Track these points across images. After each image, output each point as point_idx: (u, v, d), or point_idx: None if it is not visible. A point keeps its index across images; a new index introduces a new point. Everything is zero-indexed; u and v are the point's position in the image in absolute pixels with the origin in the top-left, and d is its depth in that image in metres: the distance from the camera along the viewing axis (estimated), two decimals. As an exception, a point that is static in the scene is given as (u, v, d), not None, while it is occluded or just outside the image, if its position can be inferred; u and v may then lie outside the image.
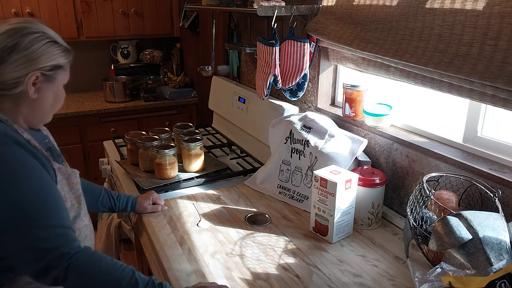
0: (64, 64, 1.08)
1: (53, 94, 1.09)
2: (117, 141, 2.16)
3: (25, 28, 1.01)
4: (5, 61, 0.98)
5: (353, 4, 1.47)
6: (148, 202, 1.48)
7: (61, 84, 1.11)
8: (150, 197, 1.50)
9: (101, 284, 0.98)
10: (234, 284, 1.13)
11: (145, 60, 3.46)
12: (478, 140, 1.28)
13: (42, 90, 1.05)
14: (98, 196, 1.43)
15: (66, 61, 1.09)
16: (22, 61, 0.99)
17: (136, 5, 3.20)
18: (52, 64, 1.04)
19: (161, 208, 1.50)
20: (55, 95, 1.10)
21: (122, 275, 0.99)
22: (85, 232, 1.17)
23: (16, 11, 2.89)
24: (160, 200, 1.52)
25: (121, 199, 1.47)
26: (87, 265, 0.98)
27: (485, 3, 1.03)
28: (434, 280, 0.91)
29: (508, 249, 0.92)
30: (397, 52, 1.26)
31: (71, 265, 0.95)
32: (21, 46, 0.99)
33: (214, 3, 2.13)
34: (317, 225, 1.35)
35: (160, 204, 1.51)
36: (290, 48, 1.63)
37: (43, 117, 1.11)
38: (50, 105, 1.10)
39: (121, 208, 1.46)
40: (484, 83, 1.04)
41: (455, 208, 1.15)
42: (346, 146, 1.49)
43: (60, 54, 1.06)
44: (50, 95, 1.08)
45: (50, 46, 1.04)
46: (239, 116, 2.18)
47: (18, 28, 1.00)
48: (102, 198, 1.43)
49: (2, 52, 0.97)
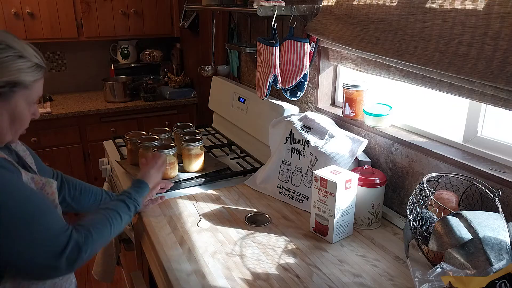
0: (26, 82, 0.96)
1: (8, 114, 0.97)
2: (117, 141, 2.16)
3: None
4: None
5: (353, 4, 1.47)
6: (148, 197, 1.49)
7: (22, 103, 0.98)
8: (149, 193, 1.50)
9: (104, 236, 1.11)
10: (234, 284, 1.13)
11: (145, 60, 3.47)
12: (478, 140, 1.28)
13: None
14: (100, 199, 1.45)
15: (31, 78, 0.97)
16: None
17: (136, 5, 3.21)
18: (6, 80, 0.93)
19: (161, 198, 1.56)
20: (11, 115, 0.97)
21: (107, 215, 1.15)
22: None
23: (16, 11, 2.89)
24: (163, 183, 1.58)
25: None
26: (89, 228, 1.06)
27: (485, 3, 1.03)
28: (434, 280, 0.91)
29: (508, 249, 0.92)
30: (397, 52, 1.26)
31: (79, 235, 1.02)
32: None
33: (214, 3, 2.13)
34: (317, 225, 1.35)
35: (165, 188, 1.59)
36: (290, 48, 1.63)
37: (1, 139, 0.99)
38: (7, 126, 0.98)
39: None
40: (484, 83, 1.04)
41: (455, 208, 1.15)
42: (346, 146, 1.49)
43: (22, 71, 0.95)
44: (4, 115, 0.96)
45: (10, 61, 0.93)
46: (239, 116, 2.18)
47: None
48: (103, 202, 1.45)
49: None
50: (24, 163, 1.10)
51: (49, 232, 0.97)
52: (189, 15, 2.98)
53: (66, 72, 3.49)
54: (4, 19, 2.88)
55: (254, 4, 1.65)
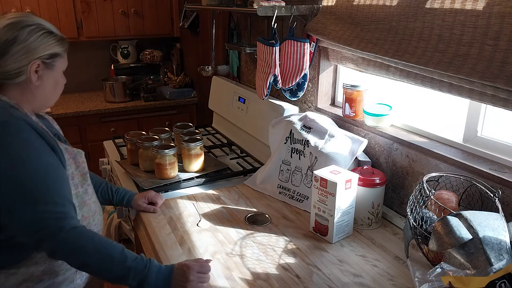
0: (60, 52, 1.16)
1: (53, 80, 1.17)
2: (117, 141, 2.16)
3: (22, 21, 1.09)
4: (7, 52, 1.06)
5: (353, 4, 1.47)
6: (144, 200, 1.50)
7: (60, 70, 1.19)
8: (147, 196, 1.51)
9: (93, 259, 1.06)
10: (234, 284, 1.13)
11: (145, 60, 3.46)
12: (478, 140, 1.28)
13: (44, 76, 1.13)
14: (99, 186, 1.46)
15: (62, 49, 1.16)
16: (23, 52, 1.07)
17: (136, 5, 3.20)
18: (50, 53, 1.12)
19: (153, 209, 1.50)
20: (55, 81, 1.18)
21: (113, 250, 1.07)
22: (94, 208, 1.27)
23: (16, 11, 2.89)
24: (158, 198, 1.52)
25: (119, 192, 1.49)
26: (81, 240, 1.05)
27: (485, 3, 1.03)
28: (434, 280, 0.91)
29: (508, 249, 0.92)
30: (397, 52, 1.26)
31: (65, 239, 1.03)
32: (20, 38, 1.07)
33: (214, 3, 2.13)
34: (317, 225, 1.35)
35: (158, 203, 1.51)
36: (290, 48, 1.63)
37: (46, 102, 1.20)
38: (51, 90, 1.19)
39: (118, 201, 1.48)
40: (484, 83, 1.04)
41: (455, 208, 1.15)
42: (346, 146, 1.49)
43: (56, 44, 1.14)
44: (51, 81, 1.17)
45: (46, 37, 1.11)
46: (239, 116, 2.18)
47: (16, 22, 1.08)
48: (102, 190, 1.46)
49: (5, 45, 1.06)
50: (59, 135, 1.27)
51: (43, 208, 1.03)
52: (189, 15, 2.98)
53: (66, 72, 3.46)
54: (4, 19, 2.89)
55: (254, 4, 1.65)
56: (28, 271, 1.13)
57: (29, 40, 1.08)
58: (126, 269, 1.06)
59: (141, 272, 1.06)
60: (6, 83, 1.09)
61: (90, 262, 1.06)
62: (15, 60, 1.07)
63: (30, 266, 1.13)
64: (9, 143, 1.03)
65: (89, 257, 1.05)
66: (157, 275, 1.07)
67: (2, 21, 1.08)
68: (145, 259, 1.10)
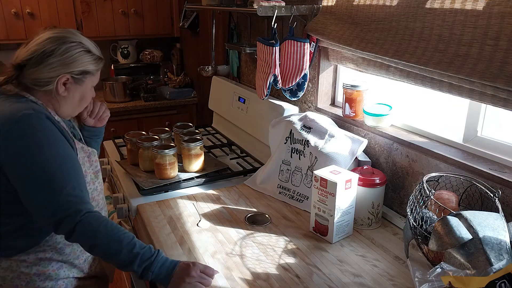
0: (92, 71, 1.24)
1: (80, 94, 1.25)
2: (117, 141, 2.16)
3: (64, 37, 1.18)
4: (43, 62, 1.15)
5: (353, 4, 1.47)
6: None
7: (89, 86, 1.27)
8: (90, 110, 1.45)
9: (104, 242, 1.10)
10: (234, 284, 1.13)
11: (145, 60, 3.46)
12: (478, 140, 1.28)
13: (71, 89, 1.22)
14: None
15: (95, 68, 1.25)
16: (57, 64, 1.16)
17: (136, 5, 3.20)
18: (81, 70, 1.20)
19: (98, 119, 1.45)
20: (82, 95, 1.26)
21: (124, 236, 1.11)
22: (102, 204, 1.38)
23: (16, 11, 2.89)
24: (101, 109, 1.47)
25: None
26: (95, 223, 1.10)
27: (485, 3, 1.03)
28: (434, 280, 0.91)
29: (508, 249, 0.92)
30: (397, 52, 1.26)
31: (82, 220, 1.08)
32: (58, 52, 1.16)
33: (214, 3, 2.13)
34: (317, 225, 1.35)
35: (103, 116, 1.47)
36: (290, 48, 1.63)
37: (70, 112, 1.28)
38: (76, 103, 1.27)
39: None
40: (484, 83, 1.04)
41: (455, 208, 1.15)
42: (346, 146, 1.49)
43: (90, 62, 1.22)
44: (77, 95, 1.25)
45: (82, 55, 1.20)
46: (239, 116, 2.18)
47: (59, 37, 1.18)
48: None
49: (43, 55, 1.15)
50: (75, 134, 1.35)
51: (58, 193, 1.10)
52: (189, 15, 2.98)
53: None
54: (4, 19, 2.88)
55: (254, 4, 1.65)
56: (37, 257, 1.21)
57: (66, 55, 1.16)
58: (133, 255, 1.10)
59: (147, 260, 1.10)
60: (35, 89, 1.18)
61: (100, 244, 1.10)
62: (48, 70, 1.15)
63: (39, 253, 1.21)
64: (32, 133, 1.10)
65: (101, 240, 1.10)
66: (161, 266, 1.11)
67: (47, 33, 1.18)
68: (153, 250, 1.14)
